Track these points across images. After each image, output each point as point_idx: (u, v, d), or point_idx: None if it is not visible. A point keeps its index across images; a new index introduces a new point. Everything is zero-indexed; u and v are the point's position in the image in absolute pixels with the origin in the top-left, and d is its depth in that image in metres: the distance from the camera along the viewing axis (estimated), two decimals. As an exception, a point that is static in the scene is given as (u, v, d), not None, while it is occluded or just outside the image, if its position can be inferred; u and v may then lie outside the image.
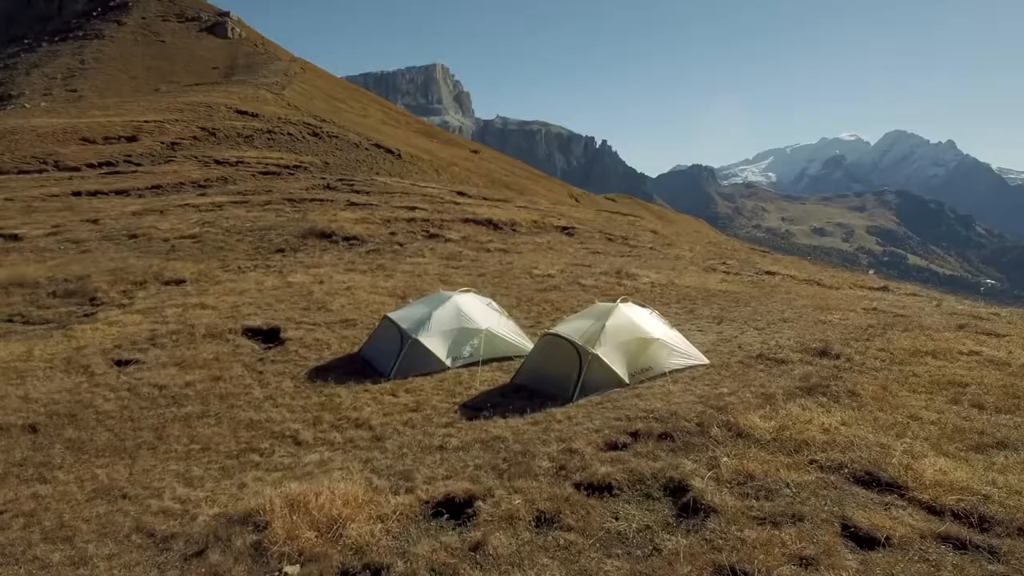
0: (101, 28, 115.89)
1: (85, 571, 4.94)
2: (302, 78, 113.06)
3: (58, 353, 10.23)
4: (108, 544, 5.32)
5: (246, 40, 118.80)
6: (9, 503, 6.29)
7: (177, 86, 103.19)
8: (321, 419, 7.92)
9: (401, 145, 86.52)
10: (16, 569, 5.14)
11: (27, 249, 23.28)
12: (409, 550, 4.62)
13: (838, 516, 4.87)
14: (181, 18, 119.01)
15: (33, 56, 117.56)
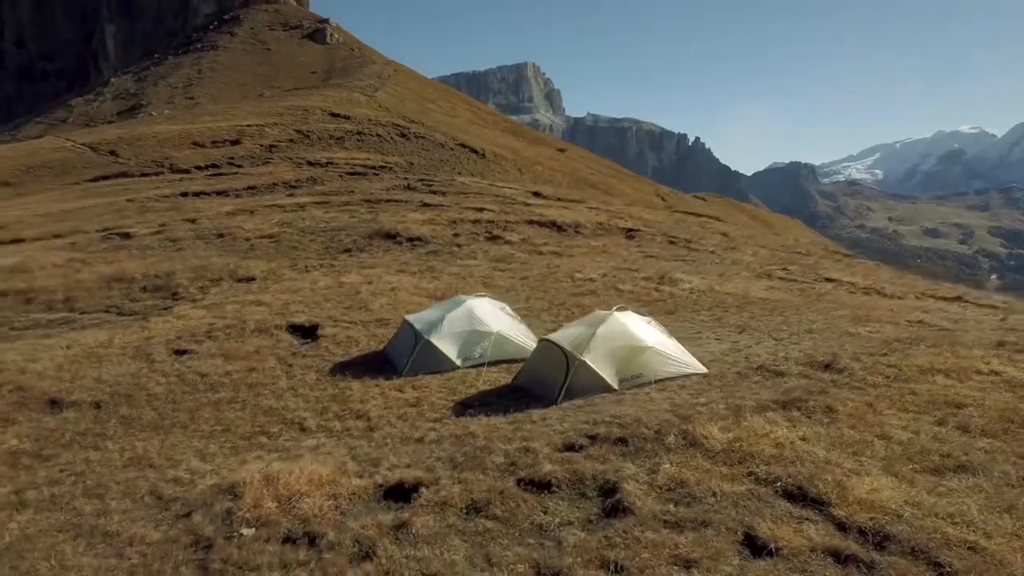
0: (216, 40, 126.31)
1: (104, 521, 6.09)
2: (394, 80, 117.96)
3: (131, 342, 11.92)
4: (126, 502, 6.48)
5: (343, 45, 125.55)
6: (67, 464, 7.68)
7: (279, 91, 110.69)
8: (328, 409, 8.91)
9: (486, 144, 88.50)
10: (58, 515, 6.40)
11: (134, 247, 26.36)
12: (345, 524, 5.40)
13: (745, 526, 5.15)
14: (285, 27, 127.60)
15: (161, 68, 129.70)
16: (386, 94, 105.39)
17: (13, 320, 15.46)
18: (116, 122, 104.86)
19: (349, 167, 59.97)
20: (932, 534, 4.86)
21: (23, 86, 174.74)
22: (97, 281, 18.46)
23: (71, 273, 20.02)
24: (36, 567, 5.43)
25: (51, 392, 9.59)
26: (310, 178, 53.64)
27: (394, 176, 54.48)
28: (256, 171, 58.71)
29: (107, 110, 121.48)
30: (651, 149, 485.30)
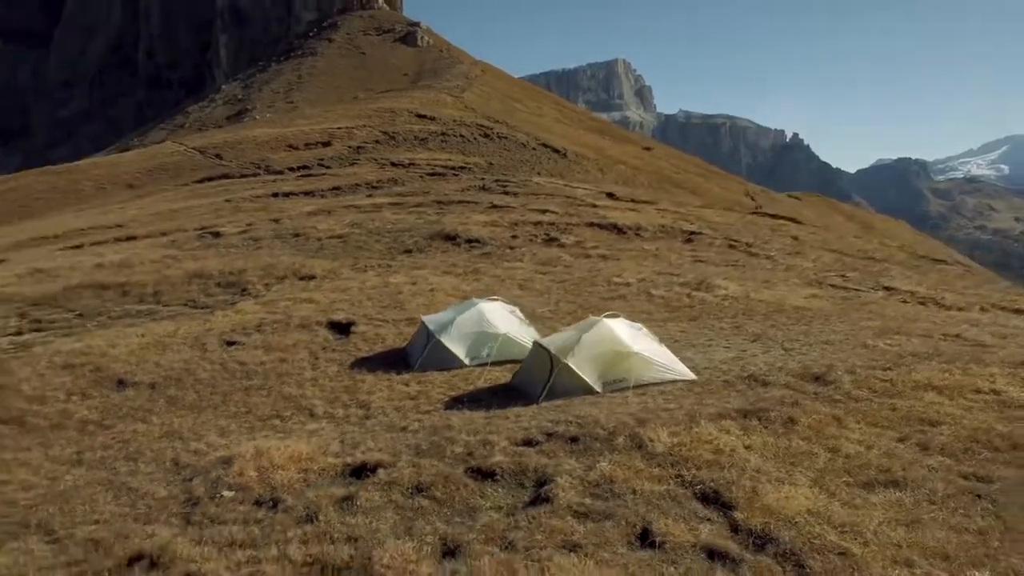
0: (316, 46, 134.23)
1: (131, 479, 7.48)
2: (481, 80, 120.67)
3: (192, 332, 13.71)
4: (152, 466, 7.87)
5: (433, 47, 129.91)
6: (119, 433, 9.27)
7: (372, 93, 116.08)
8: (338, 398, 10.07)
9: (570, 144, 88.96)
10: (102, 473, 7.87)
11: (221, 245, 29.17)
12: (304, 493, 6.43)
13: (646, 521, 5.69)
14: (379, 31, 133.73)
15: (265, 75, 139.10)
16: (472, 94, 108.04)
17: (111, 310, 17.91)
18: (224, 126, 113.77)
19: (430, 168, 62.31)
20: (813, 540, 5.22)
21: (152, 94, 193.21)
22: (182, 277, 20.87)
23: (163, 269, 22.66)
24: (75, 509, 6.83)
25: (120, 373, 11.38)
26: (391, 179, 56.22)
27: (472, 177, 56.16)
28: (343, 172, 62.18)
29: (218, 115, 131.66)
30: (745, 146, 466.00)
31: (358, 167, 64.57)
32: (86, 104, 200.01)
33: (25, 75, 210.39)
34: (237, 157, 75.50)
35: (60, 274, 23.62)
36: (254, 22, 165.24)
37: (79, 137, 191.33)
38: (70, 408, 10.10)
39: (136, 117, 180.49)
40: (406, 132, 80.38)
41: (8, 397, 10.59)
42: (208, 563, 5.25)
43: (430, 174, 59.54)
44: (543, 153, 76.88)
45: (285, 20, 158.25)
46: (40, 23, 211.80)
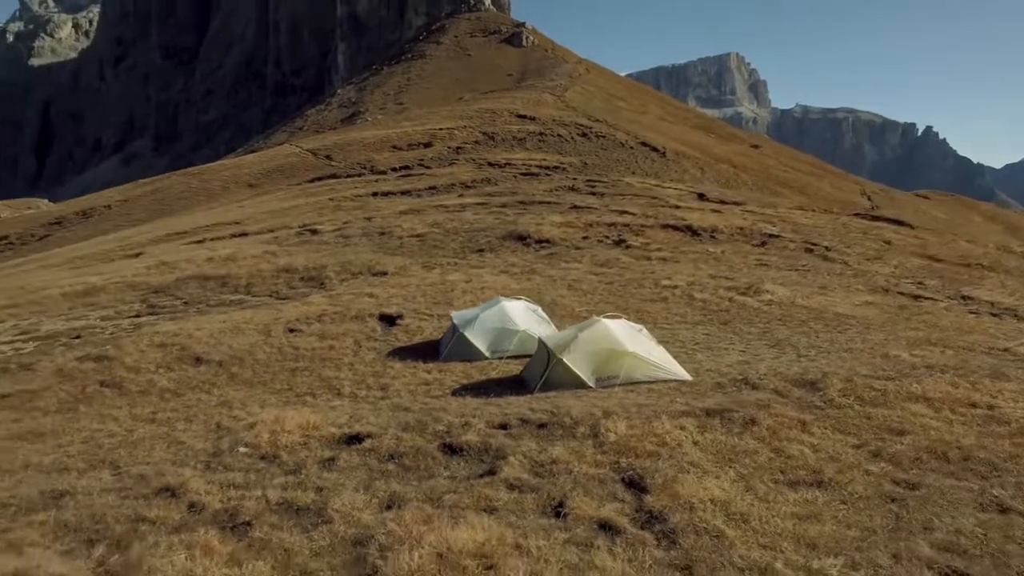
0: (424, 49, 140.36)
1: (182, 436, 9.27)
2: (584, 79, 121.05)
3: (264, 320, 15.82)
4: (200, 427, 9.65)
5: (538, 47, 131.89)
6: (186, 401, 11.25)
7: (476, 94, 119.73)
8: (365, 381, 11.54)
9: (671, 143, 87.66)
10: (163, 428, 9.77)
11: (316, 241, 32.08)
12: (298, 453, 7.84)
13: (564, 496, 6.54)
14: (485, 33, 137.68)
15: (377, 78, 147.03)
16: (575, 93, 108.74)
17: (209, 299, 20.70)
18: (338, 128, 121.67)
19: (524, 168, 63.83)
20: (698, 523, 5.87)
21: (278, 100, 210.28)
22: (272, 271, 23.53)
23: (259, 263, 25.56)
24: (137, 453, 8.67)
25: (199, 352, 13.55)
26: (485, 179, 58.25)
27: (564, 177, 57.04)
28: (440, 172, 65.07)
29: (333, 118, 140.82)
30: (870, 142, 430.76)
31: (456, 167, 67.25)
32: (223, 111, 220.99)
33: (177, 87, 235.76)
34: (345, 158, 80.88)
35: (178, 266, 27.17)
36: (370, 29, 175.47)
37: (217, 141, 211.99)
38: (155, 379, 12.29)
39: (264, 122, 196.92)
40: (505, 132, 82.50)
41: (114, 367, 13.01)
42: (208, 496, 6.75)
43: (523, 174, 60.96)
44: (641, 152, 76.33)
45: (398, 26, 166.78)
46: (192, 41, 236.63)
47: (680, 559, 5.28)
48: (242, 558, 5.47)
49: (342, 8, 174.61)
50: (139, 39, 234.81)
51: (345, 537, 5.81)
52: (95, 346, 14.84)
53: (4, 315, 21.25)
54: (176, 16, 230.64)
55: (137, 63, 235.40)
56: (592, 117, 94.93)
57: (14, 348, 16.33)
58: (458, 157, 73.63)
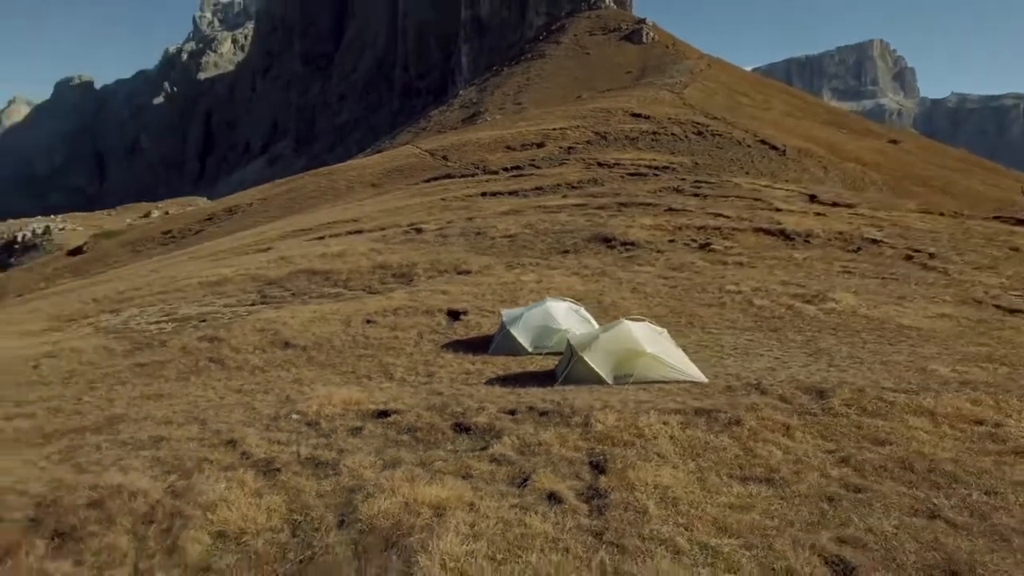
0: (544, 49, 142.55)
1: (256, 403, 11.32)
2: (706, 75, 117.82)
3: (348, 312, 18.00)
4: (272, 398, 11.69)
5: (658, 43, 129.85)
6: (269, 377, 13.45)
7: (594, 93, 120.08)
8: (416, 368, 13.16)
9: (794, 140, 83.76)
10: (245, 398, 11.90)
11: (418, 240, 34.63)
12: (334, 422, 9.51)
13: (533, 471, 7.65)
14: (604, 31, 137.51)
15: (497, 79, 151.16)
16: (694, 90, 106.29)
17: (312, 291, 23.47)
18: (459, 128, 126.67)
19: (633, 168, 63.88)
20: (631, 501, 6.77)
21: (404, 102, 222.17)
22: (369, 267, 26.07)
23: (362, 260, 28.30)
24: (220, 415, 10.79)
25: (288, 338, 15.88)
26: (592, 179, 58.99)
27: (672, 177, 56.57)
28: (549, 172, 66.49)
29: (454, 118, 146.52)
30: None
31: (565, 167, 68.36)
32: (355, 113, 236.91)
33: (314, 92, 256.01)
34: (460, 158, 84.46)
35: (294, 261, 30.60)
36: (492, 31, 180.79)
37: (349, 142, 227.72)
38: (249, 358, 14.69)
39: (391, 123, 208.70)
40: (618, 132, 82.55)
41: (221, 347, 15.62)
42: (257, 448, 8.56)
43: (631, 174, 61.02)
44: (759, 151, 73.61)
45: (519, 26, 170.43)
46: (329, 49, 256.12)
47: (597, 527, 6.26)
48: (263, 492, 7.14)
49: (465, 12, 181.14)
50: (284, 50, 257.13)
51: (345, 486, 7.33)
52: (213, 329, 17.71)
53: (155, 300, 25.33)
54: (316, 26, 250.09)
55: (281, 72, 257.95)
56: (710, 115, 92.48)
57: (158, 327, 19.73)
58: (569, 157, 74.65)
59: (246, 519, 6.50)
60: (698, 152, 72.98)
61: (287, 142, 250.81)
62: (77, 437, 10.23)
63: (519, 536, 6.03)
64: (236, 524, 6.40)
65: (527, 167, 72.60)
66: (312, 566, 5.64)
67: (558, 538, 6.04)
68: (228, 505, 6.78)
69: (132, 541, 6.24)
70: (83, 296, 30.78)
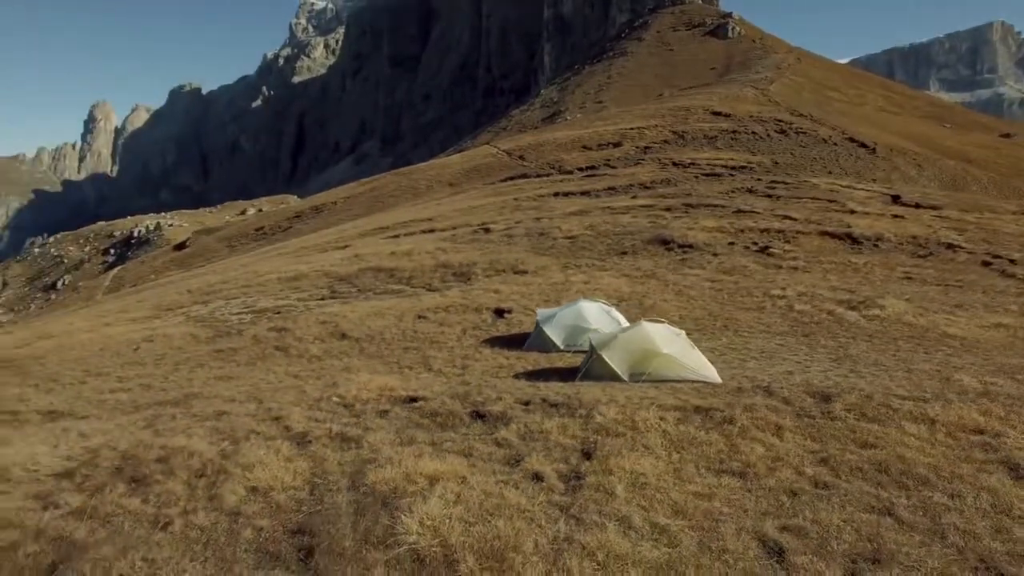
0: (626, 46, 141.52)
1: (306, 387, 12.79)
2: (794, 70, 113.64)
3: (403, 308, 19.43)
4: (321, 383, 13.14)
5: (745, 38, 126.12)
6: (323, 365, 14.99)
7: (676, 90, 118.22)
8: (454, 361, 14.31)
9: (888, 136, 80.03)
10: (298, 381, 13.44)
11: (483, 240, 35.95)
12: (366, 405, 10.76)
13: (527, 455, 8.56)
14: (688, 26, 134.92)
15: (578, 78, 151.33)
16: (780, 86, 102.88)
17: (376, 287, 25.20)
18: (540, 127, 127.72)
19: (709, 168, 63.04)
20: (603, 483, 7.56)
21: (487, 102, 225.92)
22: (431, 266, 27.58)
23: (424, 259, 29.89)
24: (274, 397, 12.32)
25: (345, 330, 17.47)
26: (665, 180, 58.69)
27: (748, 177, 55.53)
28: (623, 172, 66.53)
29: (535, 118, 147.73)
30: None
31: (639, 167, 68.16)
32: (439, 113, 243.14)
33: (401, 92, 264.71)
34: (537, 158, 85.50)
35: (365, 258, 32.65)
36: (575, 29, 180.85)
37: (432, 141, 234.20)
38: (310, 347, 16.34)
39: (474, 123, 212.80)
40: (696, 131, 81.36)
41: (287, 337, 17.39)
42: (298, 424, 9.94)
43: (705, 175, 60.27)
44: (845, 149, 70.82)
45: (602, 24, 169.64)
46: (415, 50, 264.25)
47: (566, 503, 7.12)
48: (294, 458, 8.45)
49: (548, 10, 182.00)
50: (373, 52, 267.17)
51: (362, 458, 8.52)
52: (283, 320, 19.62)
53: (239, 293, 27.88)
54: (403, 29, 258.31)
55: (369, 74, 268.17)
56: (795, 112, 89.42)
57: (238, 318, 21.93)
58: (644, 157, 74.25)
59: (275, 479, 7.80)
60: (779, 151, 70.94)
61: (373, 141, 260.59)
62: (159, 408, 12.03)
63: (495, 505, 6.98)
64: (266, 482, 7.72)
65: (602, 167, 72.72)
66: (318, 516, 6.83)
67: (528, 509, 6.95)
68: (263, 467, 8.12)
69: (185, 489, 7.67)
70: (180, 288, 34.14)
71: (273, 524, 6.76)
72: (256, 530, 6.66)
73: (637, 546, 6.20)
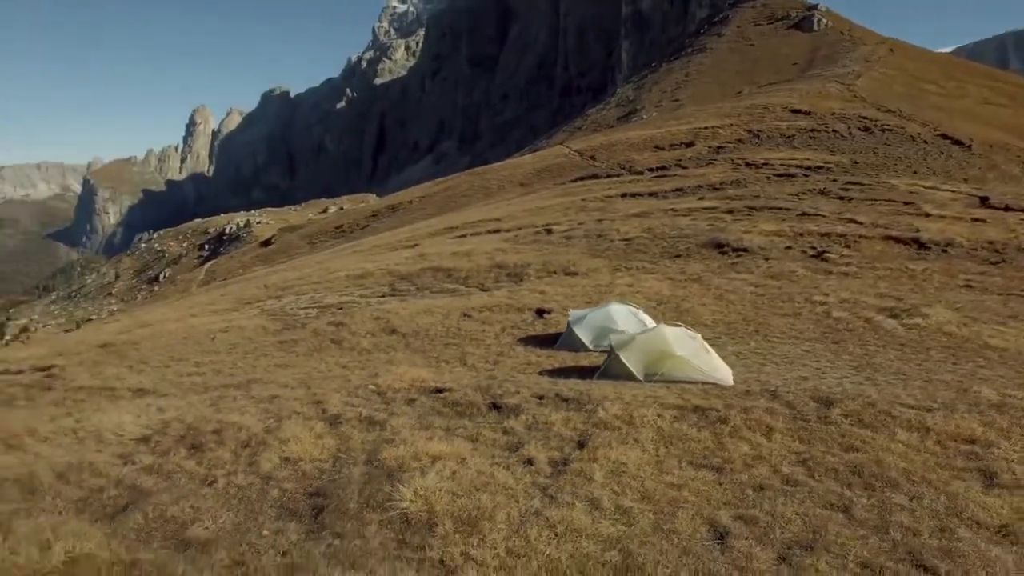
0: (705, 42, 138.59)
1: (350, 375, 14.23)
2: (885, 62, 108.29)
3: (452, 307, 20.70)
4: (364, 374, 14.53)
5: (831, 30, 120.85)
6: (373, 357, 16.44)
7: (755, 87, 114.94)
8: (488, 357, 15.39)
9: (988, 131, 75.62)
10: (343, 371, 14.91)
11: (543, 241, 36.88)
12: (397, 394, 12.00)
13: (527, 443, 9.50)
14: (771, 20, 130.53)
15: (655, 75, 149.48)
16: (869, 80, 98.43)
17: (432, 286, 26.69)
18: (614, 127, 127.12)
19: (783, 168, 61.51)
20: (585, 469, 8.42)
21: (563, 101, 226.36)
22: (487, 267, 28.81)
23: (482, 259, 31.17)
24: (321, 384, 13.79)
25: (395, 325, 18.91)
26: (735, 181, 57.78)
27: (823, 178, 53.95)
28: (693, 173, 65.81)
29: (610, 117, 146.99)
30: None
31: (711, 168, 67.20)
32: (516, 112, 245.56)
33: (479, 92, 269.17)
34: (608, 159, 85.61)
35: (428, 258, 34.31)
36: (653, 25, 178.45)
37: (509, 140, 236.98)
38: (361, 341, 17.87)
39: (551, 122, 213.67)
40: (772, 130, 79.24)
41: (342, 331, 19.03)
42: (334, 407, 11.30)
43: (778, 175, 58.90)
44: (936, 147, 67.33)
45: (681, 19, 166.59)
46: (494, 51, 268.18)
47: (546, 484, 8.04)
48: (324, 436, 9.78)
49: (626, 7, 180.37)
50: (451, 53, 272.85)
51: (382, 438, 9.74)
52: (343, 315, 21.33)
53: (309, 289, 30.11)
54: (481, 30, 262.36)
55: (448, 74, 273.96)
56: (883, 107, 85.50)
57: (304, 312, 23.91)
58: (717, 157, 73.08)
59: (305, 451, 9.13)
60: (860, 150, 68.29)
61: (452, 141, 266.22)
62: (224, 391, 13.76)
63: (483, 483, 8.00)
64: (298, 454, 9.06)
65: (673, 167, 72.05)
66: (333, 483, 8.07)
67: (511, 488, 7.92)
68: (297, 441, 9.49)
69: (232, 455, 9.14)
70: (259, 283, 37.00)
71: (296, 487, 8.07)
72: (282, 491, 7.98)
73: (597, 523, 7.05)
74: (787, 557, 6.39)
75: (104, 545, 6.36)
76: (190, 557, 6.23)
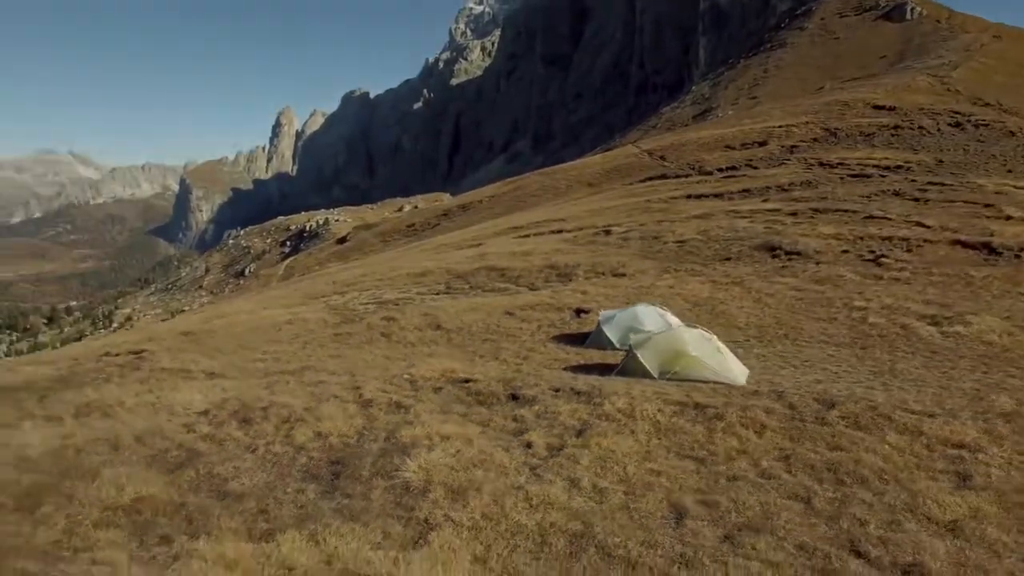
0: (785, 37, 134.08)
1: (390, 365, 15.60)
2: (987, 51, 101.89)
3: (497, 304, 21.83)
4: (403, 364, 15.87)
5: (927, 18, 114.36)
6: (414, 350, 17.80)
7: (838, 83, 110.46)
8: (520, 353, 16.41)
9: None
10: (385, 362, 16.33)
11: (600, 242, 37.54)
12: (427, 383, 13.21)
13: (531, 430, 10.46)
14: (858, 10, 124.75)
15: (732, 72, 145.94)
16: (967, 71, 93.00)
17: (485, 285, 27.94)
18: (686, 126, 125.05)
19: (859, 168, 59.52)
20: (576, 454, 9.30)
21: (639, 99, 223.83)
22: (539, 267, 29.80)
23: (535, 259, 32.17)
24: (364, 372, 15.21)
25: (441, 321, 20.23)
26: (806, 182, 56.35)
27: (901, 178, 51.97)
28: (764, 173, 64.50)
29: (685, 115, 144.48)
30: None
31: (782, 168, 65.65)
32: (590, 111, 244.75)
33: (553, 91, 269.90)
34: (677, 159, 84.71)
35: (487, 257, 35.62)
36: (732, 20, 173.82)
37: (583, 139, 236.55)
38: (407, 335, 19.28)
39: (626, 120, 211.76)
40: (851, 127, 76.41)
41: (392, 325, 20.53)
42: (368, 393, 12.63)
43: (852, 175, 57.07)
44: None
45: (762, 13, 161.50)
46: (568, 50, 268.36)
47: (537, 464, 8.99)
48: (355, 416, 11.09)
49: (705, 2, 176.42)
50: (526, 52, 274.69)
51: (405, 420, 10.95)
52: (396, 311, 22.88)
53: (372, 285, 32.03)
54: (556, 29, 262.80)
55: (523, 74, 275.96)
56: (979, 101, 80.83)
57: (364, 307, 25.67)
58: (790, 157, 71.20)
59: (336, 428, 10.47)
60: (948, 147, 65.01)
61: (526, 140, 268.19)
62: (280, 376, 15.41)
63: (481, 461, 9.05)
64: (328, 429, 10.40)
65: (743, 167, 70.74)
66: (353, 454, 9.33)
67: (505, 466, 8.93)
68: (331, 420, 10.85)
69: (273, 429, 10.60)
70: (328, 280, 39.45)
71: (321, 456, 9.39)
72: (309, 459, 9.32)
73: (571, 499, 7.96)
74: (732, 536, 7.10)
75: (163, 491, 7.87)
76: (226, 504, 7.62)
